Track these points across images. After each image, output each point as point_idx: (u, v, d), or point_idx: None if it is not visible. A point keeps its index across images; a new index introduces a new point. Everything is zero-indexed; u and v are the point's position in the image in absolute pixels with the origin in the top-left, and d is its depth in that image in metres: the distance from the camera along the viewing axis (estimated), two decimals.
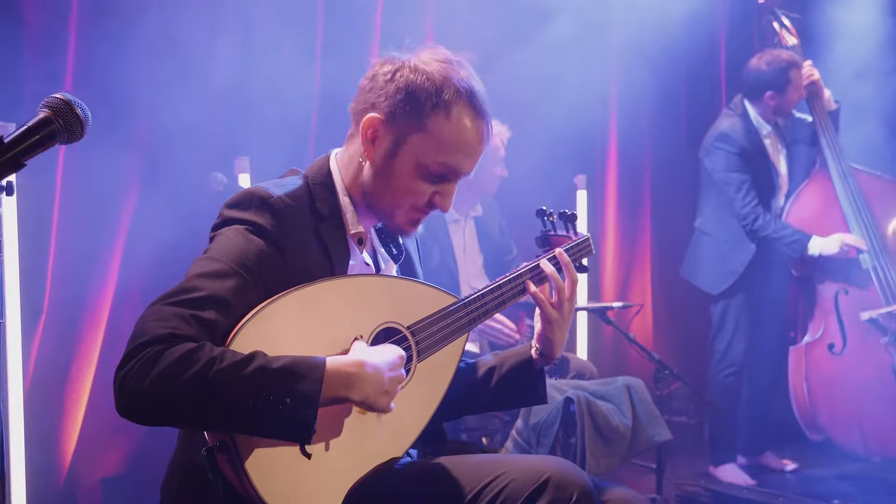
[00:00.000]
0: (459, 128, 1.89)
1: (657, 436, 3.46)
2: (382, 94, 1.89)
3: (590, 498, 1.74)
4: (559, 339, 2.11)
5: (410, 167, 1.90)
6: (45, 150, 1.36)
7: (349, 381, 1.68)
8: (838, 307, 4.79)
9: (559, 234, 2.29)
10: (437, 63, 1.90)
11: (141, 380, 1.55)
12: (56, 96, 1.39)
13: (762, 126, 4.83)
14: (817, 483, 4.69)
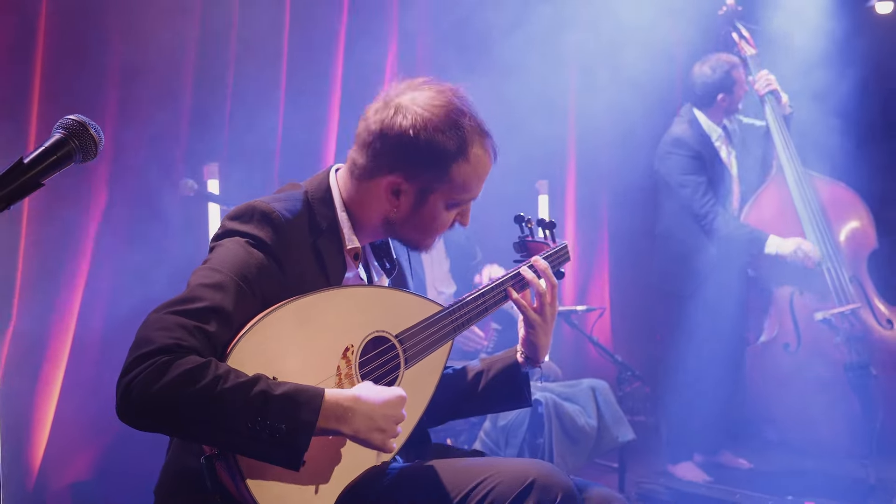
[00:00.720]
0: (477, 164, 2.00)
1: (621, 436, 3.57)
2: (401, 154, 1.94)
3: (573, 499, 1.82)
4: (544, 343, 2.18)
5: (438, 209, 2.01)
6: (62, 169, 1.41)
7: (343, 414, 1.73)
8: (793, 308, 4.92)
9: (537, 240, 2.36)
10: (440, 108, 1.94)
11: (146, 389, 1.60)
12: (71, 118, 1.44)
13: (713, 130, 4.95)
14: (772, 479, 4.81)
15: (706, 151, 4.88)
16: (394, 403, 1.80)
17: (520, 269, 2.19)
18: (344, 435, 1.76)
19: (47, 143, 1.41)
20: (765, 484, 4.70)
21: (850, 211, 5.10)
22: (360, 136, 2.00)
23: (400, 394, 1.82)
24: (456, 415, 2.32)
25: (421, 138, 1.92)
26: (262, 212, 1.87)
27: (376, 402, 1.77)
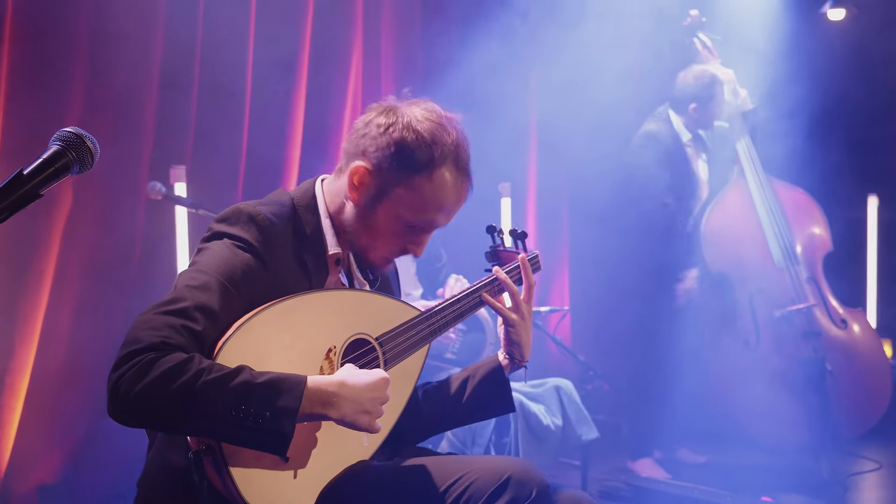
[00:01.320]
0: (440, 188, 2.01)
1: (585, 434, 3.65)
2: (373, 145, 2.00)
3: (548, 494, 1.89)
4: (525, 341, 2.24)
5: (390, 217, 2.01)
6: (59, 181, 1.45)
7: (328, 399, 1.78)
8: (753, 305, 5.03)
9: (508, 250, 2.41)
10: (429, 122, 1.99)
11: (133, 385, 1.65)
12: (68, 130, 1.48)
13: (683, 133, 5.04)
14: (731, 474, 4.90)
15: (676, 151, 4.97)
16: (378, 385, 1.85)
17: (495, 273, 2.23)
18: (331, 419, 1.80)
19: (45, 155, 1.44)
20: (723, 479, 4.79)
21: (807, 214, 5.23)
22: (353, 126, 2.08)
23: (383, 375, 1.87)
24: (443, 427, 2.36)
25: (397, 136, 1.98)
26: (248, 214, 1.93)
27: (361, 385, 1.82)
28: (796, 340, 4.93)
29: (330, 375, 1.85)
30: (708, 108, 4.99)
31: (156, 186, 3.70)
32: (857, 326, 5.14)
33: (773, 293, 5.04)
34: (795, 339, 4.94)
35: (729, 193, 5.16)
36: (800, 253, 5.12)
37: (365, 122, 2.05)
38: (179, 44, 4.08)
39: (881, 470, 5.13)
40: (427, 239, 2.10)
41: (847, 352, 5.03)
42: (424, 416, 2.20)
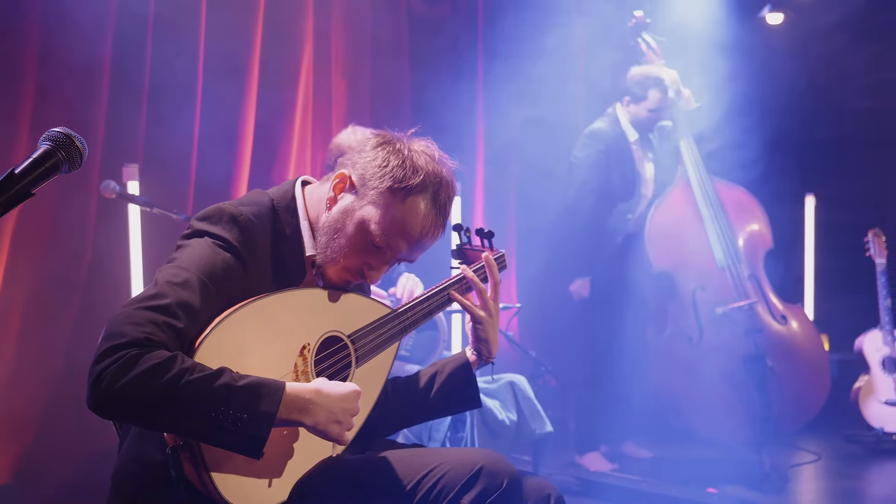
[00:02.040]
0: (410, 214, 2.02)
1: (539, 429, 3.72)
2: (363, 157, 2.05)
3: (518, 483, 1.95)
4: (493, 338, 2.29)
5: (357, 229, 2.02)
6: (50, 179, 1.47)
7: (304, 406, 1.82)
8: (696, 303, 5.15)
9: (475, 248, 2.45)
10: (423, 154, 2.04)
11: (116, 380, 1.67)
12: (57, 130, 1.50)
13: (630, 132, 5.13)
14: (675, 467, 5.04)
15: (618, 149, 5.05)
16: (350, 397, 1.90)
17: (463, 272, 2.28)
18: (304, 426, 1.84)
19: (36, 155, 1.47)
20: (667, 472, 4.92)
21: (749, 213, 5.37)
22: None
23: (356, 388, 1.92)
24: (411, 421, 2.40)
25: (386, 154, 2.03)
26: (230, 214, 1.96)
27: (335, 396, 1.87)
28: (738, 337, 5.05)
29: (306, 383, 1.89)
30: (639, 106, 5.06)
31: (110, 185, 3.69)
32: (796, 322, 5.30)
33: (716, 291, 5.16)
34: (737, 335, 5.06)
35: (672, 193, 5.27)
36: (742, 251, 5.25)
37: (363, 141, 2.11)
38: (130, 40, 4.07)
39: (820, 461, 5.29)
40: (385, 269, 2.11)
41: (787, 347, 5.18)
42: (393, 410, 2.24)
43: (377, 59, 5.20)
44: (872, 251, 5.78)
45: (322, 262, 2.07)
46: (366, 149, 2.08)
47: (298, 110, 4.77)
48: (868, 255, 5.80)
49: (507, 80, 5.84)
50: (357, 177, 2.05)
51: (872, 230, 5.85)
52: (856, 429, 5.75)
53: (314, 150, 4.91)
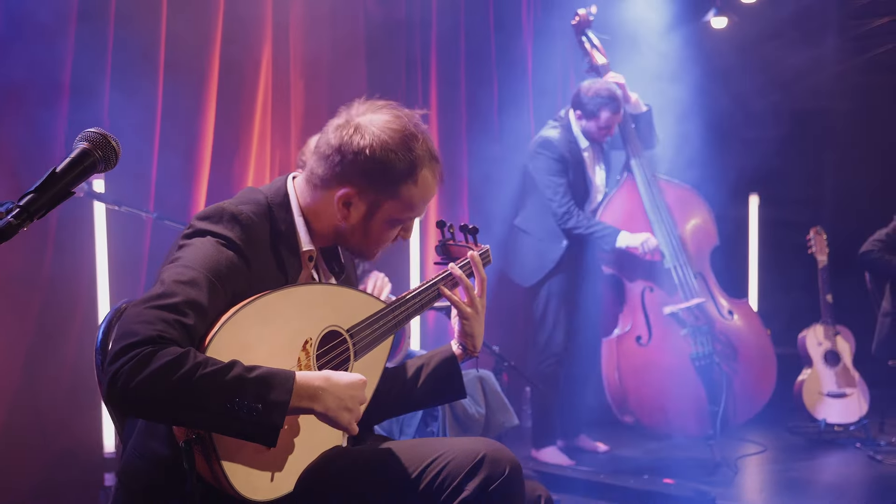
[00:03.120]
0: (424, 187, 2.16)
1: (506, 422, 3.80)
2: (353, 170, 2.09)
3: (519, 471, 2.02)
4: (479, 332, 2.36)
5: (384, 224, 2.16)
6: (87, 178, 1.50)
7: (315, 393, 1.88)
8: (644, 303, 5.27)
9: (459, 244, 2.52)
10: (396, 132, 2.09)
11: (133, 376, 1.71)
12: (92, 130, 1.54)
13: (581, 139, 5.23)
14: (628, 461, 5.18)
15: (571, 156, 5.14)
16: (358, 385, 1.96)
17: (450, 269, 2.35)
18: (315, 413, 1.89)
19: (74, 155, 1.51)
20: (622, 465, 5.05)
21: (693, 211, 5.49)
22: (321, 148, 2.13)
23: (362, 378, 1.98)
24: (399, 410, 2.45)
25: (375, 157, 2.07)
26: (231, 213, 2.00)
27: (343, 384, 1.93)
28: (686, 335, 5.19)
29: (315, 372, 1.94)
30: (591, 123, 5.13)
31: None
32: (743, 317, 5.45)
33: (664, 290, 5.28)
34: (686, 333, 5.19)
35: (618, 195, 5.37)
36: (688, 250, 5.37)
37: (336, 147, 2.10)
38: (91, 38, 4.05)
39: (766, 452, 5.47)
40: (414, 223, 2.28)
41: (734, 342, 5.32)
42: (380, 400, 2.29)
43: (334, 59, 5.24)
44: (814, 249, 5.98)
45: (363, 254, 2.23)
46: (346, 158, 2.09)
47: (258, 108, 4.78)
48: (810, 252, 6.00)
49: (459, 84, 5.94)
50: (359, 189, 2.10)
51: (814, 228, 6.05)
52: (799, 420, 5.96)
53: (273, 148, 4.93)
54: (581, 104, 5.15)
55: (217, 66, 4.55)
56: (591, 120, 5.13)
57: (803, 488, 4.77)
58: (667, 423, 5.24)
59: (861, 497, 4.62)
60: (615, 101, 5.08)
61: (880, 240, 5.59)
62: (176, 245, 2.01)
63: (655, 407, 5.21)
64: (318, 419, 1.92)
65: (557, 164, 5.09)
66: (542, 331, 5.20)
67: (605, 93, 5.09)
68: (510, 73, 6.31)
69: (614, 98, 5.09)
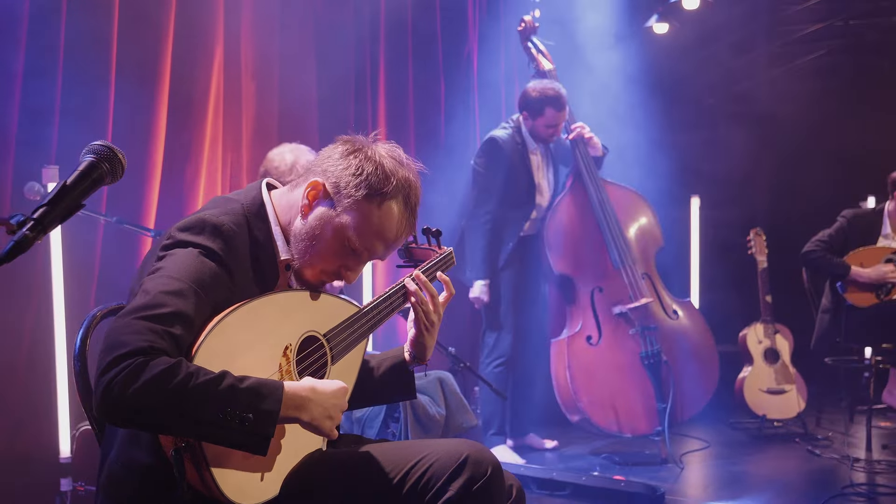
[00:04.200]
0: (387, 218, 2.14)
1: (465, 422, 3.87)
2: (335, 166, 2.14)
3: (500, 471, 2.09)
4: (430, 344, 2.40)
5: (335, 235, 2.12)
6: (95, 190, 1.53)
7: (302, 403, 1.92)
8: (594, 303, 5.37)
9: (421, 246, 2.56)
10: (391, 160, 2.14)
11: (127, 388, 1.72)
12: (98, 144, 1.56)
13: (529, 142, 5.32)
14: (577, 458, 5.29)
15: (517, 158, 5.24)
16: (340, 394, 2.01)
17: (415, 276, 2.38)
18: (301, 422, 1.93)
19: (82, 168, 1.53)
20: (570, 463, 5.16)
21: (638, 213, 5.61)
22: (318, 155, 2.21)
23: (343, 385, 2.03)
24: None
25: (357, 162, 2.13)
26: (213, 225, 2.02)
27: (327, 393, 1.98)
28: (634, 334, 5.31)
29: (301, 382, 1.98)
30: (536, 122, 5.23)
31: (34, 187, 3.65)
32: (688, 317, 5.58)
33: (612, 291, 5.38)
34: (634, 333, 5.31)
35: (567, 198, 5.46)
36: (635, 251, 5.49)
37: (331, 148, 2.19)
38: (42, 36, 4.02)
39: (709, 448, 5.62)
40: (361, 269, 2.23)
41: (680, 341, 5.45)
42: None
43: (285, 62, 5.26)
44: (754, 250, 6.15)
45: (300, 266, 2.16)
46: (334, 155, 2.16)
47: (210, 112, 4.78)
48: (750, 253, 6.17)
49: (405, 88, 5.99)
50: (331, 185, 2.13)
51: (754, 230, 6.22)
52: (740, 417, 6.15)
53: (224, 150, 4.93)
54: (527, 104, 5.24)
55: (168, 71, 4.54)
56: (538, 118, 5.21)
57: (746, 482, 4.92)
58: (617, 421, 5.33)
59: (801, 489, 4.78)
60: (560, 98, 5.17)
61: (822, 240, 5.77)
62: (155, 255, 2.03)
63: (606, 405, 5.30)
64: (302, 427, 1.96)
65: (500, 163, 5.17)
66: (492, 333, 5.28)
67: (550, 91, 5.18)
68: (456, 77, 6.39)
69: (559, 96, 5.17)
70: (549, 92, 5.17)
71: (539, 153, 5.36)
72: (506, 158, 5.19)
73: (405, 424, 3.59)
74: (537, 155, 5.36)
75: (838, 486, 4.66)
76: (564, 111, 5.23)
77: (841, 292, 5.62)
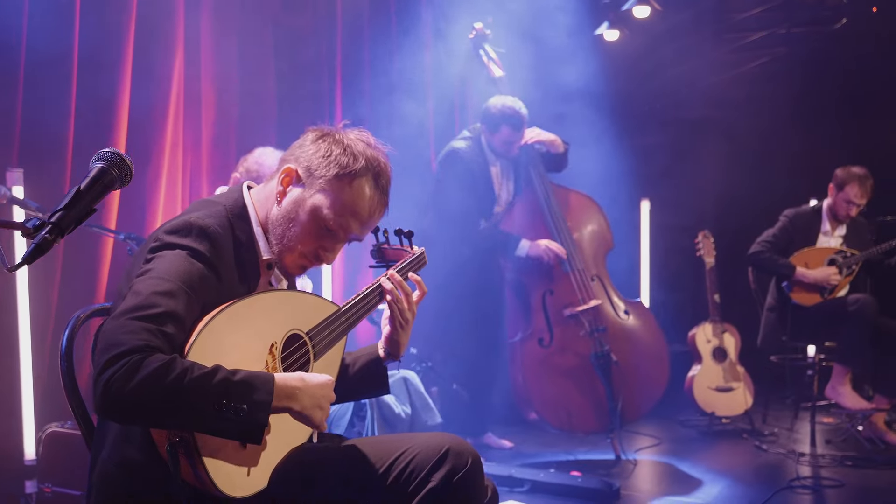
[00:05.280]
0: (358, 195, 2.24)
1: (430, 420, 3.96)
2: (305, 151, 2.25)
3: (479, 462, 2.18)
4: (404, 341, 2.49)
5: (310, 216, 2.22)
6: (106, 195, 1.59)
7: (292, 393, 2.00)
8: (545, 306, 5.46)
9: (393, 247, 2.64)
10: (360, 142, 2.26)
11: (125, 384, 1.79)
12: (107, 151, 1.63)
13: (489, 153, 5.43)
14: (533, 456, 5.40)
15: (478, 168, 5.34)
16: (328, 385, 2.10)
17: (391, 277, 2.47)
18: (292, 411, 2.01)
19: (93, 174, 1.60)
20: (527, 461, 5.26)
21: (589, 216, 5.71)
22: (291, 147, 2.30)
23: (330, 379, 2.12)
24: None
25: (326, 144, 2.24)
26: (199, 227, 2.09)
27: (316, 384, 2.06)
28: (586, 335, 5.41)
29: (290, 374, 2.06)
30: (493, 137, 5.36)
31: (1, 190, 3.66)
32: (638, 317, 5.70)
33: (562, 294, 5.48)
34: (584, 334, 5.41)
35: (519, 204, 5.56)
36: (585, 254, 5.59)
37: (302, 137, 2.29)
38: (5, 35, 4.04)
39: (661, 444, 5.78)
40: (339, 248, 2.32)
41: (630, 341, 5.56)
42: None
43: (244, 66, 5.30)
44: (702, 251, 6.32)
45: (279, 251, 2.25)
46: (306, 143, 2.27)
47: (170, 115, 4.81)
48: (699, 254, 6.34)
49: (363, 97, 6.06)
50: (303, 169, 2.24)
51: (702, 232, 6.40)
52: (690, 414, 6.31)
53: (185, 152, 4.97)
54: (485, 119, 5.37)
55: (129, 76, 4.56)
56: (494, 134, 5.34)
57: (697, 477, 5.06)
58: (569, 420, 5.43)
59: (750, 483, 4.93)
60: (517, 117, 5.29)
61: (768, 240, 5.94)
62: (142, 258, 2.08)
63: (559, 405, 5.40)
64: (294, 417, 2.04)
65: (464, 173, 5.27)
66: (451, 334, 5.37)
67: (508, 110, 5.30)
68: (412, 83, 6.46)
69: (517, 115, 5.29)
70: (507, 111, 5.30)
71: (499, 164, 5.47)
72: (466, 169, 5.30)
73: (371, 422, 3.67)
74: (497, 166, 5.46)
75: (785, 480, 4.84)
76: (520, 131, 5.35)
77: (787, 292, 5.81)
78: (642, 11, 6.72)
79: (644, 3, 6.69)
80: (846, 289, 5.90)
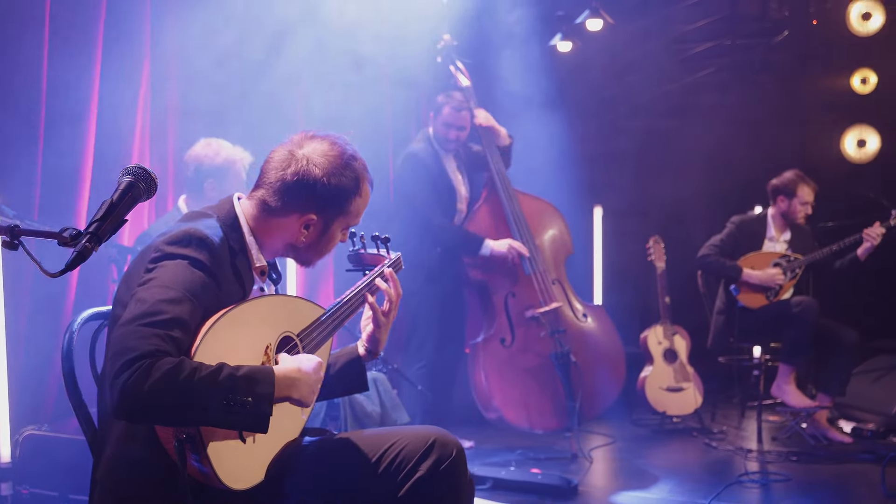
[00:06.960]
0: (366, 196, 2.52)
1: (399, 418, 4.11)
2: (313, 197, 2.39)
3: (463, 453, 2.36)
4: (384, 338, 2.68)
5: (336, 234, 2.49)
6: (134, 206, 1.73)
7: (292, 383, 2.17)
8: (507, 307, 5.63)
9: (370, 252, 2.80)
10: (335, 157, 2.41)
11: (141, 386, 1.92)
12: (134, 166, 1.77)
13: (440, 151, 5.61)
14: (494, 454, 5.54)
15: (435, 168, 5.52)
16: (319, 368, 2.28)
17: (374, 279, 2.65)
18: (292, 400, 2.18)
19: (122, 187, 1.74)
20: (487, 459, 5.40)
21: (550, 222, 5.90)
22: (270, 180, 2.41)
23: (320, 360, 2.29)
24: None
25: (331, 185, 2.39)
26: (198, 237, 2.22)
27: (311, 370, 2.24)
28: (545, 337, 5.59)
29: (285, 363, 2.21)
30: (434, 121, 5.60)
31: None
32: (596, 319, 5.90)
33: (524, 296, 5.65)
34: (545, 335, 5.59)
35: (483, 207, 5.73)
36: (546, 257, 5.78)
37: (292, 182, 2.39)
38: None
39: (615, 443, 5.98)
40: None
41: (588, 343, 5.76)
42: None
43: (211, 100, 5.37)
44: (653, 256, 6.55)
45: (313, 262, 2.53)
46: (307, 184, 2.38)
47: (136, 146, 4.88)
48: (650, 259, 6.56)
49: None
50: (318, 213, 2.41)
51: (653, 237, 6.62)
52: (642, 413, 6.52)
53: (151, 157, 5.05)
54: (433, 107, 5.59)
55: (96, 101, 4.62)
56: (437, 118, 5.55)
57: (651, 473, 5.26)
58: (528, 418, 5.59)
59: (701, 478, 5.15)
60: (458, 99, 5.54)
61: (716, 244, 6.18)
62: (143, 267, 2.20)
63: (519, 404, 5.56)
64: (292, 404, 2.20)
65: (423, 175, 5.45)
66: (415, 336, 5.52)
67: (452, 93, 5.58)
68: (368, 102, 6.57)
69: (458, 98, 5.55)
70: (448, 93, 5.58)
71: (451, 160, 5.64)
72: (427, 169, 5.46)
73: (344, 421, 3.81)
74: (450, 162, 5.64)
75: (734, 475, 5.06)
76: (462, 112, 5.55)
77: (735, 294, 6.04)
78: (595, 24, 6.92)
79: (597, 15, 6.88)
80: (790, 292, 6.14)
